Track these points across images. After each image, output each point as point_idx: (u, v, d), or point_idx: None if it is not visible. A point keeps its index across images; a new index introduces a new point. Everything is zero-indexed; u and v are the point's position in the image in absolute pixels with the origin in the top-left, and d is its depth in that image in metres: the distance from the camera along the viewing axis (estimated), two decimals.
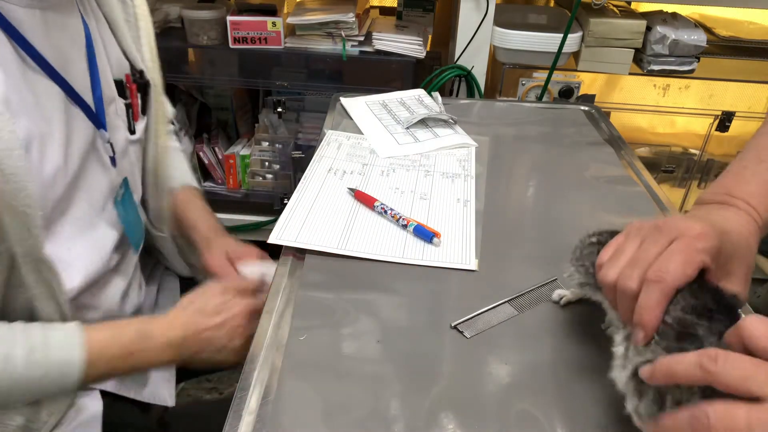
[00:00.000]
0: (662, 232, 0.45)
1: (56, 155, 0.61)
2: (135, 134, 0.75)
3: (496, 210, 0.79)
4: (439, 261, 0.68)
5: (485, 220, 0.76)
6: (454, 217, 0.77)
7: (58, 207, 0.63)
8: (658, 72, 1.41)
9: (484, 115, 1.08)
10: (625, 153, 0.95)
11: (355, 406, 0.50)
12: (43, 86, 0.60)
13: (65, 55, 0.63)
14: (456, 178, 0.86)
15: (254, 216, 1.67)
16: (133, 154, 0.77)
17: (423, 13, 1.56)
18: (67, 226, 0.65)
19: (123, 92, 0.73)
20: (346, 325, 0.59)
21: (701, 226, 0.45)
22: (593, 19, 1.34)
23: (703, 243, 0.44)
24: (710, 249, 0.44)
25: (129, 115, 0.74)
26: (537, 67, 1.45)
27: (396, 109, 1.06)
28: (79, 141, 0.65)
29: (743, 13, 1.59)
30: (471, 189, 0.84)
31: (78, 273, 0.66)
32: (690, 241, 0.44)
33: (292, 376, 0.52)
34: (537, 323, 0.60)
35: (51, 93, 0.61)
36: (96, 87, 0.68)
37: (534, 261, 0.69)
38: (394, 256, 0.68)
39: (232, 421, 0.48)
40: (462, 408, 0.50)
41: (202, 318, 0.69)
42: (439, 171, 0.88)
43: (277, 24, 1.41)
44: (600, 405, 0.50)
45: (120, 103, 0.73)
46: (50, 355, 0.60)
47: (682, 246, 0.44)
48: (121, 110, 0.73)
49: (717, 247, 0.44)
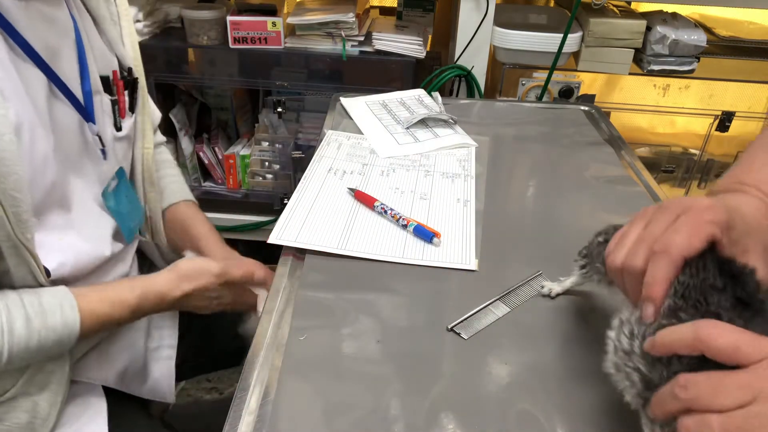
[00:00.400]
0: (668, 210, 0.44)
1: (45, 143, 0.61)
2: (121, 131, 0.76)
3: (496, 210, 0.79)
4: (439, 261, 0.68)
5: (485, 220, 0.76)
6: (454, 217, 0.77)
7: (50, 195, 0.63)
8: (658, 72, 1.41)
9: (484, 115, 1.08)
10: (625, 153, 0.95)
11: (355, 406, 0.50)
12: (31, 75, 0.61)
13: (53, 48, 0.64)
14: (456, 178, 0.86)
15: (254, 216, 1.67)
16: (120, 152, 0.77)
17: (423, 13, 1.56)
18: (58, 215, 0.65)
19: (109, 89, 0.74)
20: (346, 325, 0.59)
21: (709, 200, 0.44)
22: (593, 19, 1.34)
23: (710, 215, 0.42)
24: (719, 221, 0.42)
25: (115, 111, 0.75)
26: (537, 67, 1.45)
27: (396, 109, 1.06)
28: (68, 132, 0.66)
29: (743, 13, 1.59)
30: (471, 189, 0.84)
31: (69, 262, 0.66)
32: (696, 214, 0.43)
33: (292, 376, 0.52)
34: (537, 323, 0.60)
35: (39, 83, 0.62)
36: (85, 81, 0.68)
37: (534, 261, 0.69)
38: (395, 256, 0.68)
39: (232, 421, 0.48)
40: (462, 408, 0.50)
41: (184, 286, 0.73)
42: (439, 171, 0.88)
43: (277, 24, 1.41)
44: (600, 405, 0.50)
45: (106, 98, 0.73)
46: (47, 320, 0.60)
47: (689, 218, 0.43)
48: (107, 106, 0.74)
49: (726, 220, 0.43)
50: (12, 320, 0.58)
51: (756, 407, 0.33)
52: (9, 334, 0.58)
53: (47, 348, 0.61)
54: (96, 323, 0.65)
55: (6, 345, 0.57)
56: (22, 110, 0.58)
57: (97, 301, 0.65)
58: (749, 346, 0.34)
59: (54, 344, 0.61)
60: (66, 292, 0.63)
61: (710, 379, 0.35)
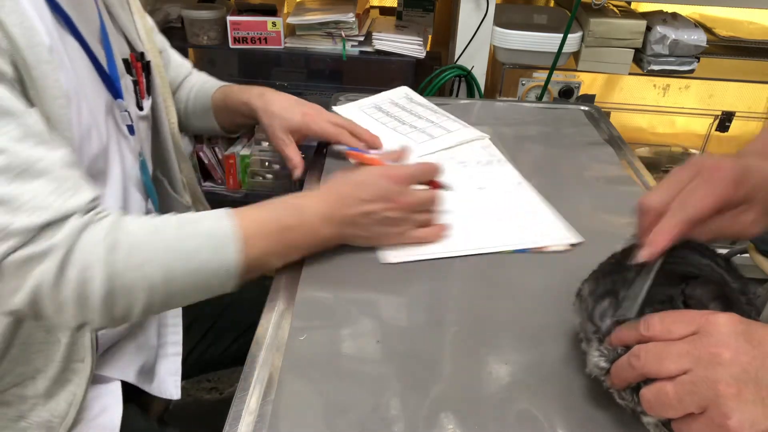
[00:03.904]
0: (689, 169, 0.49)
1: (88, 115, 0.63)
2: (143, 110, 0.77)
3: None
4: (543, 242, 0.70)
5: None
6: (525, 198, 0.79)
7: (91, 168, 0.64)
8: (658, 72, 1.41)
9: (484, 115, 1.08)
10: (625, 153, 0.95)
11: (355, 406, 0.50)
12: (74, 49, 0.63)
13: (86, 27, 0.66)
14: (490, 164, 0.88)
15: None
16: (143, 131, 0.78)
17: (423, 13, 1.56)
18: (102, 189, 0.66)
19: (129, 70, 0.75)
20: (346, 325, 0.59)
21: (724, 160, 0.49)
22: (593, 19, 1.34)
23: (722, 173, 0.47)
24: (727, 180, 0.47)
25: (137, 92, 0.76)
26: (537, 67, 1.45)
27: (392, 110, 1.05)
28: (101, 107, 0.67)
29: (743, 13, 1.59)
30: (514, 171, 0.86)
31: None
32: (710, 173, 0.48)
33: (292, 376, 0.52)
34: (537, 323, 0.60)
35: (81, 58, 0.64)
36: (110, 59, 0.70)
37: (534, 261, 0.69)
38: (497, 246, 0.69)
39: (232, 421, 0.48)
40: (462, 408, 0.50)
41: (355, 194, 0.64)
42: (473, 160, 0.89)
43: (277, 24, 1.41)
44: (600, 405, 0.50)
45: (128, 80, 0.74)
46: (201, 226, 0.58)
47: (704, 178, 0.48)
48: (129, 86, 0.75)
49: (735, 177, 0.47)
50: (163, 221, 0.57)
51: (699, 372, 0.39)
52: (160, 231, 0.56)
53: (205, 256, 0.57)
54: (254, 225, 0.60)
55: (158, 244, 0.55)
56: (68, 79, 0.59)
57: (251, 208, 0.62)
58: (677, 324, 0.42)
59: (212, 251, 0.57)
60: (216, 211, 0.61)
61: (656, 348, 0.42)
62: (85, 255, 0.52)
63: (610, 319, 0.48)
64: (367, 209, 0.64)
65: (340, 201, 0.64)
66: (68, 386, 0.66)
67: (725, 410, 0.37)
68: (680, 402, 0.39)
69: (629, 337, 0.45)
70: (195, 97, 0.94)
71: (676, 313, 0.44)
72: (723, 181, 0.47)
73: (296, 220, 0.62)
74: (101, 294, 0.53)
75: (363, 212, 0.64)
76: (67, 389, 0.66)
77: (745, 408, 0.37)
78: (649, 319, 0.44)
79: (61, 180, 0.53)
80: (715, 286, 0.47)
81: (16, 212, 0.50)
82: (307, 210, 0.63)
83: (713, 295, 0.46)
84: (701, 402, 0.38)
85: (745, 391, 0.38)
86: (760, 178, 0.49)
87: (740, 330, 0.40)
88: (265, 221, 0.61)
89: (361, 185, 0.65)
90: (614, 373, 0.46)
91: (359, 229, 0.65)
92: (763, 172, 0.49)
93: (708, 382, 0.38)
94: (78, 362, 0.66)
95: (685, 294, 0.46)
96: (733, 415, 0.37)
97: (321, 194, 0.65)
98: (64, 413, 0.66)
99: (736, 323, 0.40)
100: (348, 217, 0.64)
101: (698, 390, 0.39)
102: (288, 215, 0.62)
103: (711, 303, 0.46)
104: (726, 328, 0.40)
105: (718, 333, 0.40)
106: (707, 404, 0.38)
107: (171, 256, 0.55)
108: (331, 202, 0.64)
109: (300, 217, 0.62)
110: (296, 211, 0.63)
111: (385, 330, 0.58)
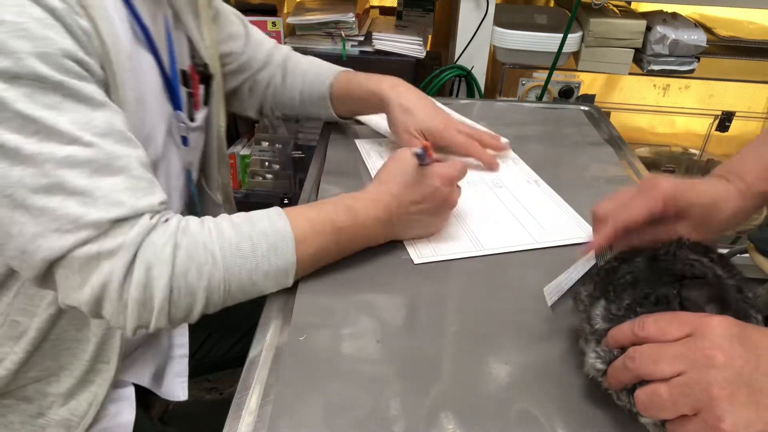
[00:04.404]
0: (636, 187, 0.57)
1: (150, 122, 0.64)
2: (194, 122, 0.77)
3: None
4: (562, 239, 0.72)
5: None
6: (541, 196, 0.81)
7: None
8: (658, 72, 1.41)
9: (484, 115, 1.08)
10: (625, 153, 0.95)
11: (355, 406, 0.50)
12: (144, 57, 0.64)
13: (157, 36, 0.67)
14: (503, 163, 0.90)
15: None
16: (194, 141, 0.78)
17: (423, 13, 1.56)
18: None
19: (186, 82, 0.75)
20: (346, 325, 0.59)
21: (665, 180, 0.54)
22: (593, 19, 1.34)
23: (656, 192, 0.54)
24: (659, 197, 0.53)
25: (190, 103, 0.76)
26: (537, 67, 1.45)
27: None
28: (161, 117, 0.68)
29: (743, 13, 1.59)
30: (527, 169, 0.88)
31: None
32: (646, 191, 0.54)
33: (292, 376, 0.52)
34: (537, 323, 0.60)
35: (151, 66, 0.65)
36: (173, 69, 0.71)
37: (533, 261, 0.69)
38: (525, 244, 0.71)
39: (232, 421, 0.48)
40: (462, 408, 0.50)
41: (408, 197, 0.66)
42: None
43: (277, 24, 1.41)
44: (599, 405, 0.50)
45: (183, 91, 0.75)
46: (257, 226, 0.58)
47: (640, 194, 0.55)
48: (183, 98, 0.75)
49: (671, 195, 0.53)
50: (219, 223, 0.57)
51: (693, 374, 0.39)
52: (218, 232, 0.56)
53: (262, 255, 0.57)
54: (308, 225, 0.61)
55: (217, 245, 0.55)
56: (137, 88, 0.61)
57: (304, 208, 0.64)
58: (672, 326, 0.42)
59: (269, 250, 0.58)
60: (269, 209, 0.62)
61: (651, 349, 0.42)
62: (152, 255, 0.53)
63: (603, 320, 0.49)
64: (419, 209, 0.67)
65: (394, 202, 0.66)
66: (90, 387, 0.67)
67: (719, 413, 0.38)
68: (674, 404, 0.40)
69: (625, 339, 0.45)
70: (311, 85, 0.93)
71: (670, 314, 0.44)
72: (655, 198, 0.53)
73: (350, 221, 0.63)
74: (164, 294, 0.53)
75: (415, 213, 0.67)
76: (88, 389, 0.67)
77: (739, 411, 0.37)
78: (644, 320, 0.44)
79: (137, 179, 0.54)
80: (711, 288, 0.47)
81: (90, 205, 0.51)
82: (361, 212, 0.64)
83: (709, 298, 0.46)
84: (695, 404, 0.39)
85: (738, 394, 0.38)
86: (695, 197, 0.54)
87: (734, 333, 0.40)
88: (319, 222, 0.62)
89: (415, 187, 0.66)
90: (610, 374, 0.46)
91: (409, 228, 0.69)
92: (698, 192, 0.55)
93: (702, 384, 0.39)
94: (104, 363, 0.66)
95: (681, 295, 0.46)
96: (726, 417, 0.37)
97: (374, 194, 0.66)
98: (83, 413, 0.66)
99: (731, 326, 0.40)
100: (401, 218, 0.67)
101: (692, 392, 0.39)
102: (342, 216, 0.63)
103: (707, 305, 0.46)
104: (720, 331, 0.40)
105: (713, 336, 0.40)
106: (701, 406, 0.39)
107: (230, 257, 0.56)
108: (385, 204, 0.65)
109: (354, 218, 0.64)
110: (350, 213, 0.64)
111: (385, 330, 0.58)
